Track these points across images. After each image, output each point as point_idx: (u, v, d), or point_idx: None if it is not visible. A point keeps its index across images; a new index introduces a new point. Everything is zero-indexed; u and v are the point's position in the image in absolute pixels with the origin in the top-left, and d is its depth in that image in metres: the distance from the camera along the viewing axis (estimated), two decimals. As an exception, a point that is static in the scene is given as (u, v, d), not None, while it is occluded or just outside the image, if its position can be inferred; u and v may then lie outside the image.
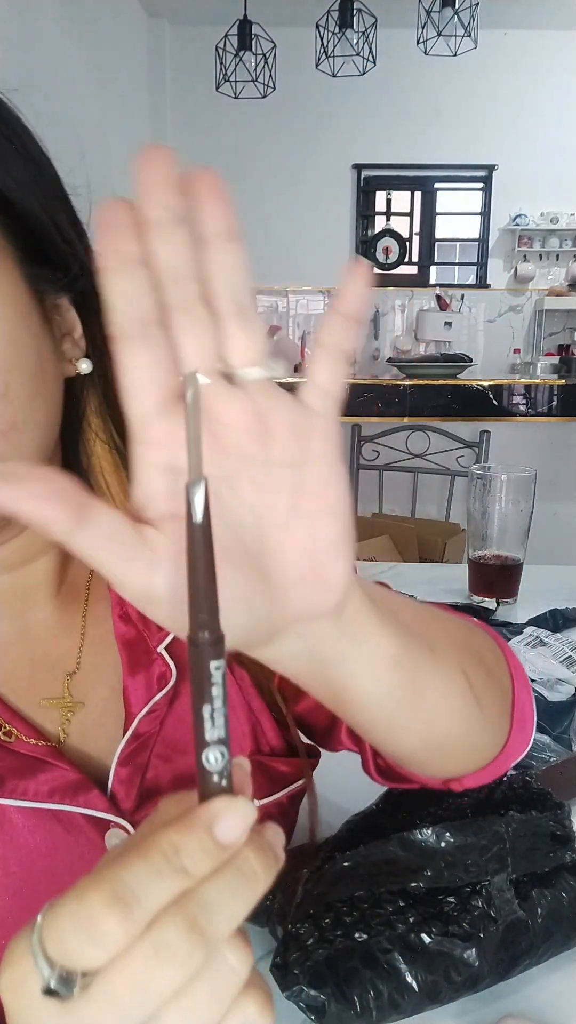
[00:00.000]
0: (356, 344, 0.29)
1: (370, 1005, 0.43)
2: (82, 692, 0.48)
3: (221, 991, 0.23)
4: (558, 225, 5.82)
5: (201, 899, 0.23)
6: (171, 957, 0.22)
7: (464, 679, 0.40)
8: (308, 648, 0.32)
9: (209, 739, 0.25)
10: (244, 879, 0.24)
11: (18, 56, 3.23)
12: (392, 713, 0.38)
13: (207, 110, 5.40)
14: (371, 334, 5.99)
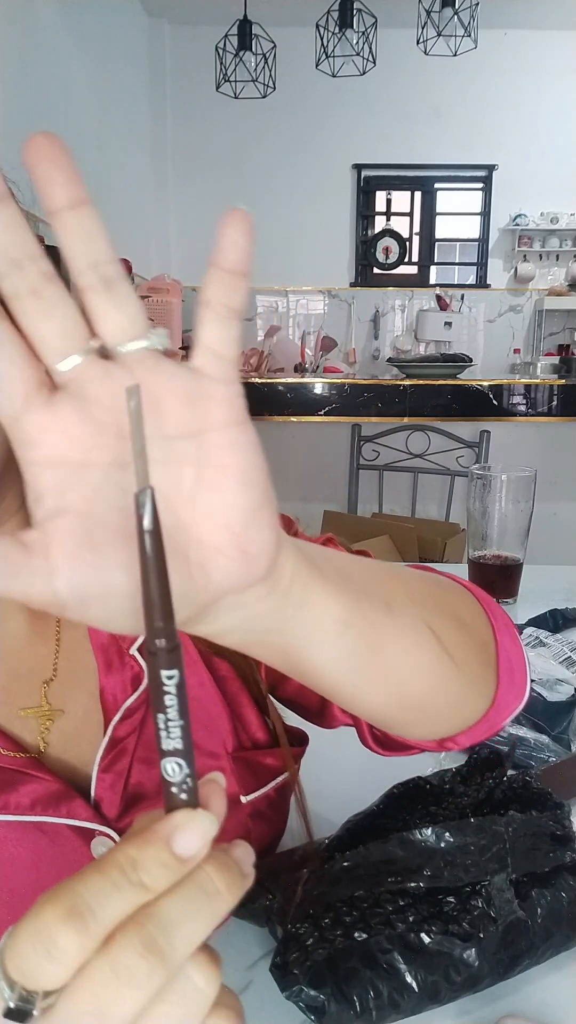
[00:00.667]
0: (244, 300, 0.27)
1: (370, 1005, 0.43)
2: (61, 700, 0.48)
3: (187, 1013, 0.23)
4: (558, 225, 5.82)
5: (159, 917, 0.22)
6: (130, 978, 0.21)
7: (430, 635, 0.39)
8: (246, 619, 0.31)
9: (166, 749, 0.24)
10: (205, 897, 0.23)
11: (18, 56, 3.23)
12: (354, 675, 0.37)
13: (207, 110, 5.40)
14: (371, 334, 5.99)
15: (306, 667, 0.35)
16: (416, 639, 0.38)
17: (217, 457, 0.27)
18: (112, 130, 4.53)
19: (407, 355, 4.96)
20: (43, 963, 0.21)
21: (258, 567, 0.29)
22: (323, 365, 3.75)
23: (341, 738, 0.81)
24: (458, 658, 0.41)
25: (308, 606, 0.32)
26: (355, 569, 0.38)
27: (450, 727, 0.44)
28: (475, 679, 0.43)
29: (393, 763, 0.74)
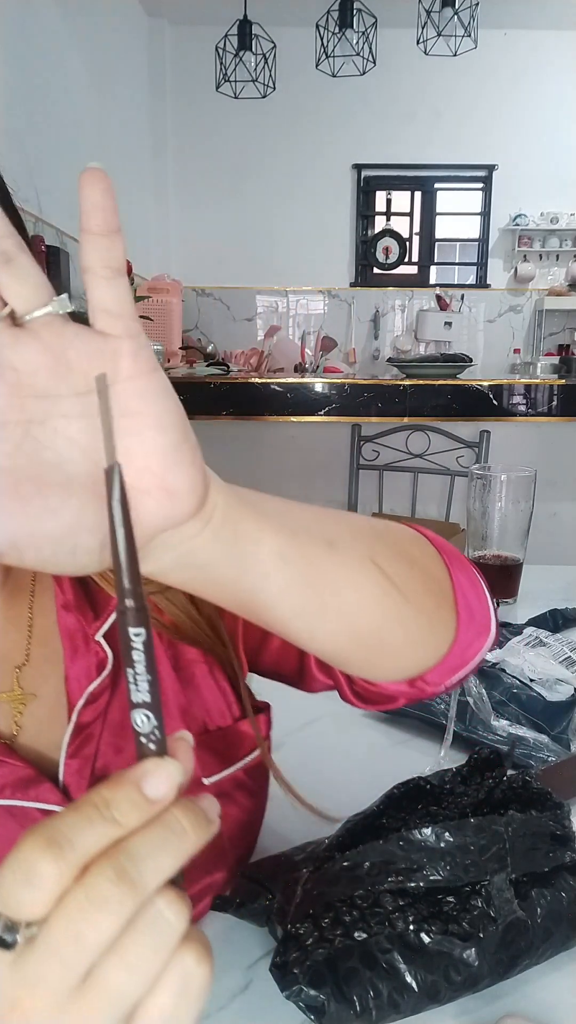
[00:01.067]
0: (122, 256, 0.28)
1: (369, 1005, 0.43)
2: (33, 684, 0.48)
3: (157, 943, 0.24)
4: (558, 225, 5.82)
5: (130, 850, 0.24)
6: (103, 904, 0.23)
7: (375, 569, 0.40)
8: (183, 556, 0.33)
9: (135, 701, 0.26)
10: (172, 834, 0.25)
11: (18, 56, 3.23)
12: (300, 609, 0.38)
13: (207, 110, 5.40)
14: (371, 334, 5.99)
15: (252, 603, 0.37)
16: (360, 573, 0.40)
17: (129, 406, 0.29)
18: (112, 130, 4.53)
19: (407, 355, 4.96)
20: (24, 891, 0.23)
21: (185, 504, 0.30)
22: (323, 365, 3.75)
23: (341, 738, 0.81)
24: (407, 591, 0.42)
25: (242, 540, 0.34)
26: (295, 509, 0.39)
27: (413, 664, 0.45)
28: (429, 613, 0.44)
29: (393, 763, 0.74)
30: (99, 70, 4.27)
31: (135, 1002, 0.24)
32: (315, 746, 0.79)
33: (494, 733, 0.75)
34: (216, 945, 0.52)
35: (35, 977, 0.24)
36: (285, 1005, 0.43)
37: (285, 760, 0.75)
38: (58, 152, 3.45)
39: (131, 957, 0.24)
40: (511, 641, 0.91)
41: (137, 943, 0.24)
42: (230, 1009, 0.47)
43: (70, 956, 0.23)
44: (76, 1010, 0.24)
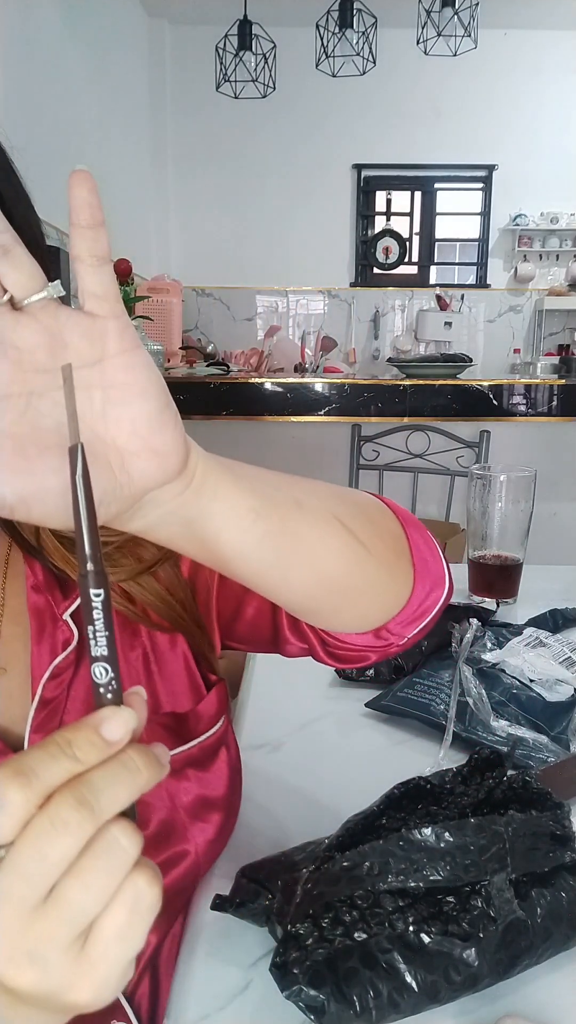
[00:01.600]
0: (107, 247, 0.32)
1: (369, 1005, 0.43)
2: (4, 659, 0.51)
3: (112, 865, 0.27)
4: (558, 225, 5.82)
5: (89, 781, 0.27)
6: (64, 826, 0.26)
7: (339, 524, 0.45)
8: (167, 513, 0.37)
9: (94, 655, 0.29)
10: (127, 771, 0.28)
11: (18, 56, 3.23)
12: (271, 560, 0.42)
13: (207, 110, 5.40)
14: (371, 334, 5.99)
15: (228, 555, 0.41)
16: (326, 528, 0.45)
17: (116, 378, 0.33)
18: (112, 130, 4.53)
19: (407, 355, 4.96)
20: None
21: (170, 464, 0.35)
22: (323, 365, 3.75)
23: (341, 738, 0.81)
24: (369, 544, 0.47)
25: (220, 498, 0.38)
26: (265, 474, 0.44)
27: (377, 612, 0.51)
28: (389, 564, 0.49)
29: (393, 763, 0.74)
30: (99, 70, 4.27)
31: (91, 918, 0.27)
32: (315, 746, 0.79)
33: (493, 734, 0.75)
34: (216, 945, 0.52)
35: (2, 893, 0.26)
36: (285, 1005, 0.43)
37: (285, 760, 0.75)
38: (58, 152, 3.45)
39: (88, 876, 0.27)
40: (511, 641, 0.91)
41: (94, 864, 0.27)
42: (230, 1009, 0.47)
43: (34, 873, 0.26)
44: (39, 924, 0.27)
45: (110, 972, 0.28)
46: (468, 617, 0.93)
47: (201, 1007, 0.47)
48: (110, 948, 0.28)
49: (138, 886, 0.28)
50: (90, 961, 0.28)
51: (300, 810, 0.67)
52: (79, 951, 0.28)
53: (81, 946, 0.28)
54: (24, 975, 0.27)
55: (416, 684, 0.84)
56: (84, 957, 0.28)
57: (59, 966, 0.27)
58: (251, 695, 0.88)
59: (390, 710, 0.82)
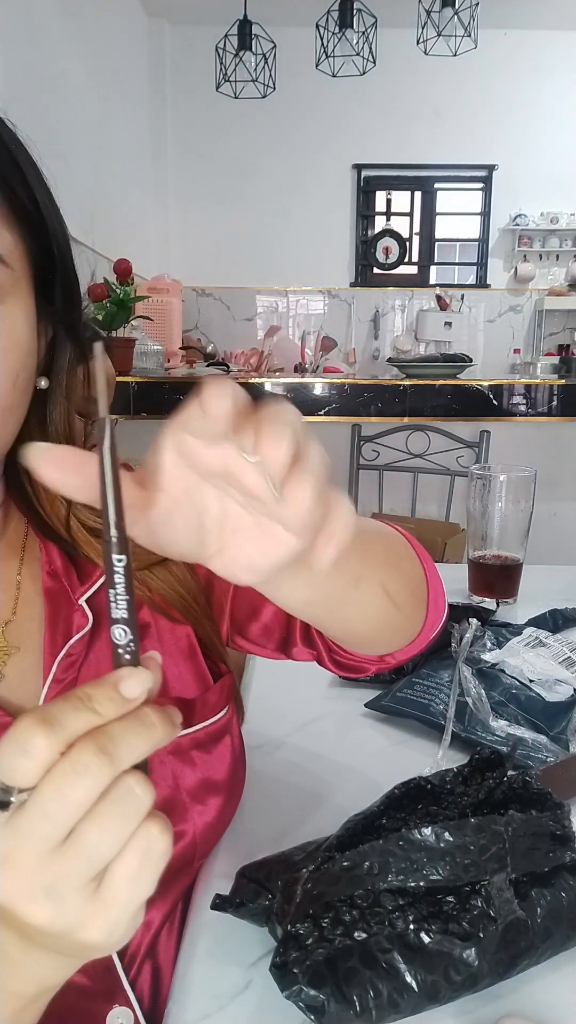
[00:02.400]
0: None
1: (369, 1005, 0.43)
2: (17, 639, 0.52)
3: (127, 811, 0.29)
4: (558, 225, 5.82)
5: (109, 732, 0.29)
6: (84, 771, 0.28)
7: (385, 596, 0.49)
8: None
9: (114, 617, 0.30)
10: (143, 725, 0.30)
11: (18, 56, 3.23)
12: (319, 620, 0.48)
13: (207, 110, 5.39)
14: (371, 334, 5.99)
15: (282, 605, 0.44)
16: (373, 601, 0.48)
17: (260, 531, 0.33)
18: (112, 130, 4.52)
19: (407, 355, 4.96)
20: (20, 759, 0.28)
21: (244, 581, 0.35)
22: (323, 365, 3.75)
23: (341, 738, 0.81)
24: (401, 605, 0.51)
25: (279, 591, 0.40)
26: None
27: (390, 647, 0.57)
28: (412, 615, 0.54)
29: (393, 763, 0.74)
30: (99, 70, 4.27)
31: (106, 860, 0.29)
32: (315, 746, 0.79)
33: (493, 734, 0.75)
34: (216, 945, 0.52)
35: (25, 832, 0.28)
36: (285, 1005, 0.43)
37: (285, 760, 0.75)
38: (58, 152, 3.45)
39: (105, 820, 0.29)
40: (511, 641, 0.91)
41: (111, 809, 0.29)
42: (230, 1009, 0.47)
43: (55, 814, 0.28)
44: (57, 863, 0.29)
45: (121, 914, 0.30)
46: (468, 617, 0.93)
47: (201, 1007, 0.47)
48: (122, 890, 0.30)
49: (151, 833, 0.30)
50: (104, 901, 0.30)
51: (300, 810, 0.67)
52: (93, 891, 0.29)
53: (96, 887, 0.29)
54: (41, 910, 0.29)
55: (416, 684, 0.84)
56: (98, 897, 0.29)
57: (74, 904, 0.29)
58: (251, 695, 0.88)
59: (390, 710, 0.82)
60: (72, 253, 0.51)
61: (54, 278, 0.49)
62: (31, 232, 0.46)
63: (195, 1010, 0.47)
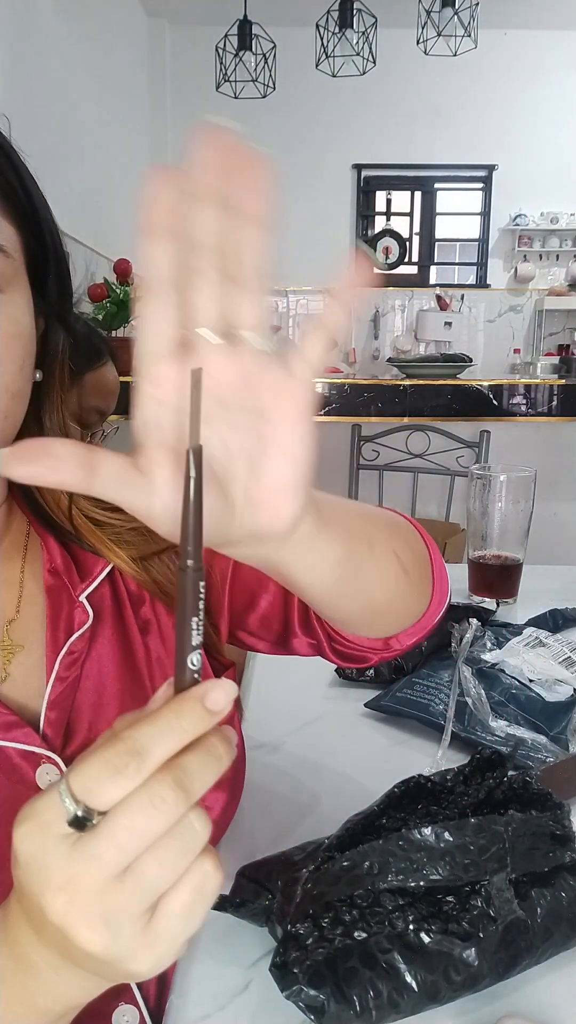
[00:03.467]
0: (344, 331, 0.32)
1: (369, 1005, 0.43)
2: (21, 637, 0.53)
3: (186, 847, 0.29)
4: (558, 225, 5.82)
5: (184, 765, 0.29)
6: (162, 804, 0.28)
7: (396, 560, 0.50)
8: (261, 555, 0.38)
9: (195, 644, 0.31)
10: (212, 756, 0.30)
11: (18, 56, 3.23)
12: (337, 594, 0.46)
13: (207, 110, 5.39)
14: (371, 334, 5.99)
15: (298, 587, 0.44)
16: (387, 566, 0.49)
17: (279, 438, 0.33)
18: (112, 130, 4.52)
19: (407, 355, 4.96)
20: (109, 784, 0.28)
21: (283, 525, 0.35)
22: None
23: (341, 738, 0.81)
24: (411, 573, 0.52)
25: (312, 552, 0.40)
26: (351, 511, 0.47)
27: (399, 624, 0.56)
28: (419, 586, 0.55)
29: (393, 763, 0.74)
30: (99, 70, 4.27)
31: (160, 893, 0.30)
32: (315, 746, 0.79)
33: (492, 733, 0.75)
34: (216, 945, 0.52)
35: (93, 856, 0.28)
36: (285, 1005, 0.43)
37: (285, 760, 0.75)
38: (58, 152, 3.45)
39: (165, 854, 0.29)
40: (511, 642, 0.91)
41: (171, 844, 0.29)
42: (230, 1009, 0.47)
43: (126, 843, 0.28)
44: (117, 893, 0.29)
45: (169, 947, 0.30)
46: (468, 617, 0.93)
47: (201, 1007, 0.47)
48: (174, 924, 0.30)
49: (205, 869, 0.30)
50: (155, 934, 0.30)
51: (300, 810, 0.67)
52: (147, 923, 0.30)
53: (149, 919, 0.30)
54: (97, 937, 0.29)
55: (415, 684, 0.84)
56: (150, 929, 0.30)
57: (129, 934, 0.29)
58: (251, 695, 0.88)
59: (389, 710, 0.82)
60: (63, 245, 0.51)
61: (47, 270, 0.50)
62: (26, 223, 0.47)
63: (195, 1010, 0.47)
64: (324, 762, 0.76)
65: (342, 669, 0.90)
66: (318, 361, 0.34)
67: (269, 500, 0.34)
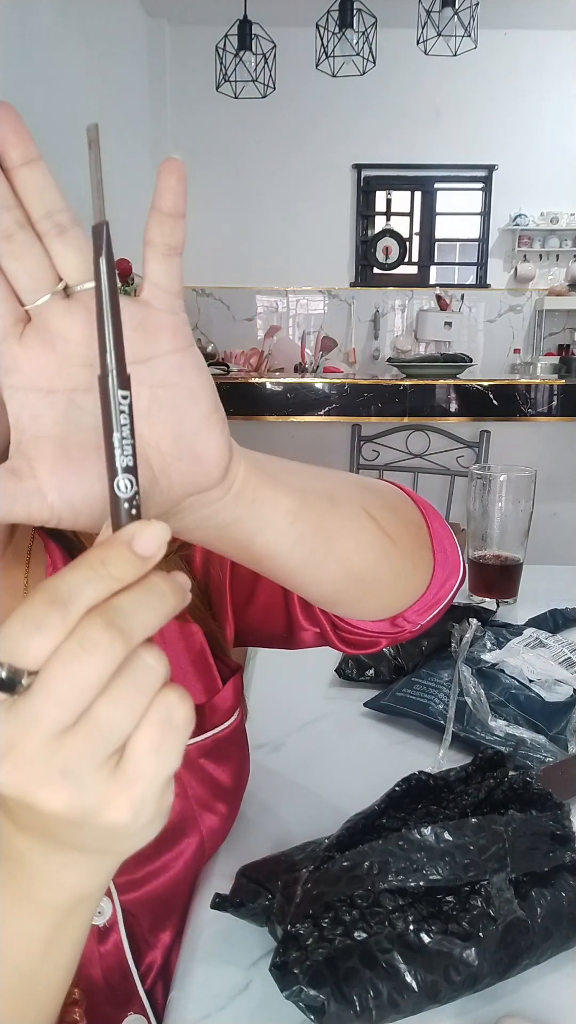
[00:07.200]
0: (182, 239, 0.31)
1: (369, 1005, 0.43)
2: None
3: (141, 682, 0.27)
4: (558, 225, 5.82)
5: (117, 604, 0.26)
6: (94, 647, 0.25)
7: (368, 518, 0.46)
8: (206, 517, 0.36)
9: (119, 466, 0.27)
10: (153, 595, 0.27)
11: (18, 56, 3.23)
12: (306, 557, 0.42)
13: (207, 110, 5.39)
14: (371, 334, 5.99)
15: (262, 552, 0.40)
16: (357, 522, 0.45)
17: (167, 377, 0.31)
18: (112, 130, 4.52)
19: (407, 355, 4.96)
20: (32, 638, 0.25)
21: (213, 471, 0.33)
22: (323, 365, 3.75)
23: (341, 738, 0.81)
24: (395, 536, 0.47)
25: (260, 502, 0.38)
26: (299, 470, 0.44)
27: (397, 600, 0.51)
28: (412, 554, 0.50)
29: (393, 763, 0.74)
30: (99, 70, 4.27)
31: (123, 736, 0.27)
32: (315, 746, 0.79)
33: (492, 733, 0.75)
34: (216, 945, 0.52)
35: (31, 716, 0.26)
36: (285, 1005, 0.43)
37: (285, 760, 0.75)
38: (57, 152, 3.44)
39: (117, 693, 0.26)
40: (511, 642, 0.91)
41: (121, 684, 0.26)
42: (230, 1009, 0.47)
43: (64, 695, 0.26)
44: (69, 744, 0.26)
45: (147, 789, 0.28)
46: (468, 617, 0.93)
47: (201, 1007, 0.47)
48: (145, 764, 0.27)
49: (169, 701, 0.28)
50: (126, 777, 0.27)
51: (300, 810, 0.67)
52: (113, 768, 0.27)
53: (115, 764, 0.27)
54: (57, 795, 0.27)
55: (415, 684, 0.84)
56: (120, 773, 0.27)
57: (93, 783, 0.27)
58: (251, 695, 0.88)
59: (389, 710, 0.82)
60: None
61: None
62: None
63: (195, 1010, 0.47)
64: (324, 762, 0.76)
65: (342, 669, 0.90)
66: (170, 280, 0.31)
67: (186, 446, 0.32)
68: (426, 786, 0.54)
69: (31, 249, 0.29)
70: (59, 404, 0.31)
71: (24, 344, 0.30)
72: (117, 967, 0.51)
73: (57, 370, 0.30)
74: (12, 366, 0.30)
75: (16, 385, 0.30)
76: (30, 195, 0.29)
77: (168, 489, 0.33)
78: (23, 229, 0.29)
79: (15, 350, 0.30)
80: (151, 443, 0.32)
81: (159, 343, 0.31)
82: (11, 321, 0.29)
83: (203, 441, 0.33)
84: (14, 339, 0.30)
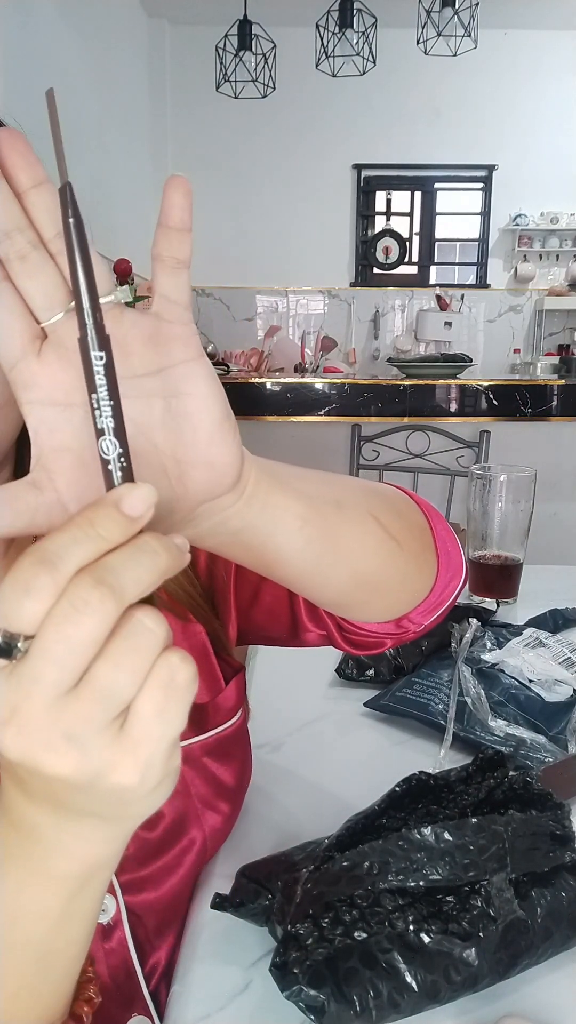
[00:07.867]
0: (189, 253, 0.32)
1: (369, 1005, 0.43)
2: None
3: (141, 644, 0.27)
4: (558, 225, 5.82)
5: (106, 562, 0.26)
6: (84, 606, 0.25)
7: (375, 522, 0.47)
8: (220, 523, 0.37)
9: (100, 427, 0.27)
10: (144, 553, 0.27)
11: (18, 56, 3.23)
12: (314, 561, 0.43)
13: (207, 110, 5.40)
14: (371, 334, 5.99)
15: (273, 559, 0.41)
16: (364, 527, 0.46)
17: (179, 388, 0.32)
18: (112, 130, 4.52)
19: (407, 355, 4.96)
20: (23, 601, 0.25)
21: (226, 477, 0.34)
22: (323, 365, 3.75)
23: (341, 738, 0.81)
24: (401, 539, 0.48)
25: (271, 507, 0.38)
26: (307, 475, 0.45)
27: (402, 602, 0.52)
28: (417, 557, 0.51)
29: (393, 763, 0.74)
30: (99, 70, 4.27)
31: (126, 698, 0.27)
32: (315, 746, 0.79)
33: (491, 733, 0.75)
34: (216, 945, 0.52)
35: (30, 680, 0.26)
36: (285, 1005, 0.43)
37: (285, 760, 0.75)
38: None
39: (117, 656, 0.26)
40: (511, 642, 0.91)
41: (122, 644, 0.26)
42: (230, 1009, 0.47)
43: (61, 656, 0.25)
44: (72, 708, 0.26)
45: (153, 751, 0.28)
46: (468, 617, 0.93)
47: (201, 1007, 0.47)
48: (150, 726, 0.27)
49: (171, 663, 0.28)
50: (132, 740, 0.27)
51: (300, 810, 0.67)
52: (118, 731, 0.27)
53: (120, 726, 0.27)
54: (63, 759, 0.27)
55: (415, 684, 0.84)
56: (124, 737, 0.27)
57: (98, 746, 0.27)
58: (251, 695, 0.88)
59: (389, 710, 0.82)
60: None
61: None
62: None
63: (195, 1010, 0.47)
64: (324, 762, 0.76)
65: (342, 669, 0.90)
66: (179, 293, 0.32)
67: (200, 454, 0.33)
68: (426, 786, 0.54)
69: (44, 268, 0.30)
70: (76, 417, 0.31)
71: (42, 360, 0.31)
72: (121, 966, 0.51)
73: (74, 384, 0.31)
74: (31, 382, 0.31)
75: (35, 400, 0.31)
76: (41, 216, 0.30)
77: (184, 497, 0.34)
78: (36, 249, 0.30)
79: (34, 367, 0.31)
80: (167, 452, 0.33)
81: (171, 354, 0.32)
82: (29, 338, 0.30)
83: (216, 448, 0.33)
84: (32, 356, 0.31)
